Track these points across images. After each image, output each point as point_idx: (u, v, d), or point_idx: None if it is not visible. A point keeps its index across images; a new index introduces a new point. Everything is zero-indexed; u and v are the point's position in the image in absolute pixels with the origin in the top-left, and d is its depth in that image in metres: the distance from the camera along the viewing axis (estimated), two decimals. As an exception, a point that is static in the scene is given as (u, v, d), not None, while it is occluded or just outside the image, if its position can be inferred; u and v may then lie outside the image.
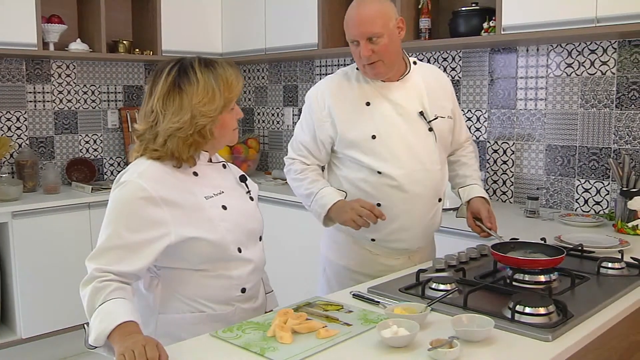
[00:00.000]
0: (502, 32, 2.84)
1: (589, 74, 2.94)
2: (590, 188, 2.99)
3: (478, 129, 3.37)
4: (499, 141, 3.30)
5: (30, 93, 3.98)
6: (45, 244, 3.46)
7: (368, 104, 2.06)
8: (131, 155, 1.67)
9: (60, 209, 3.53)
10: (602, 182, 2.94)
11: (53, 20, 3.81)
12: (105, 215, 1.54)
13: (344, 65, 3.83)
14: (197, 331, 1.51)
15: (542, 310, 1.47)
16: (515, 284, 1.73)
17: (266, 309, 1.80)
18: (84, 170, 4.15)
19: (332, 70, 3.89)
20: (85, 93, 4.23)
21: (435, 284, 1.67)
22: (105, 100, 4.33)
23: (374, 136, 2.03)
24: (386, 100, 2.06)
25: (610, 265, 1.89)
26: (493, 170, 3.33)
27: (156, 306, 1.63)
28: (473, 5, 3.15)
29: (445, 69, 3.47)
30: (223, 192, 1.68)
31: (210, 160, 1.73)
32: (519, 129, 3.22)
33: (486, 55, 3.31)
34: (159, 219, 1.52)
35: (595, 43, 2.90)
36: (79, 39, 3.96)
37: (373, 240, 2.11)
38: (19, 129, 3.94)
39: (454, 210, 2.68)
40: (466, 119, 3.38)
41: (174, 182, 1.59)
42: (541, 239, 2.07)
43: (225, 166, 1.79)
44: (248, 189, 1.79)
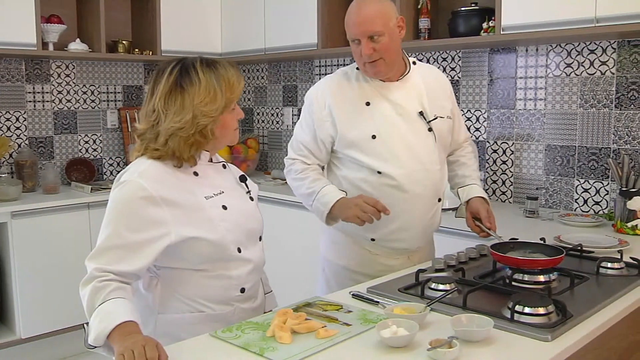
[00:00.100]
0: (502, 32, 2.84)
1: (588, 74, 2.95)
2: (590, 188, 2.99)
3: (477, 129, 3.37)
4: (498, 141, 3.30)
5: (29, 93, 3.98)
6: (44, 244, 3.46)
7: (368, 104, 2.06)
8: (132, 155, 1.67)
9: (60, 209, 3.52)
10: (602, 182, 2.95)
11: (52, 20, 3.81)
12: (105, 215, 1.54)
13: (344, 65, 3.83)
14: (197, 331, 1.51)
15: (542, 310, 1.47)
16: (514, 284, 1.74)
17: (265, 309, 1.79)
18: (83, 170, 4.14)
19: (332, 70, 3.89)
20: (84, 93, 4.23)
21: (434, 284, 1.68)
22: (104, 100, 4.33)
23: (374, 136, 2.03)
24: (386, 100, 2.06)
25: (609, 265, 1.89)
26: (492, 170, 3.33)
27: (155, 306, 1.63)
28: (472, 5, 3.15)
29: (444, 69, 3.47)
30: (223, 192, 1.68)
31: (211, 160, 1.73)
32: (518, 129, 3.22)
33: (485, 55, 3.31)
34: (159, 219, 1.52)
35: (595, 43, 2.91)
36: (78, 39, 3.96)
37: (373, 240, 2.11)
38: (18, 129, 3.94)
39: (453, 210, 2.68)
40: (466, 119, 3.39)
41: (175, 182, 1.59)
42: (540, 239, 2.07)
43: (225, 166, 1.79)
44: (248, 189, 1.79)
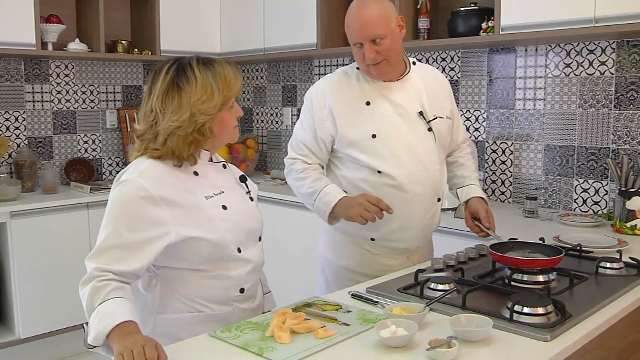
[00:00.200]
0: (501, 32, 2.84)
1: (587, 74, 2.95)
2: (589, 188, 2.99)
3: (477, 129, 3.37)
4: (497, 141, 3.30)
5: (28, 93, 3.98)
6: (43, 244, 3.45)
7: (368, 104, 2.06)
8: (131, 155, 1.67)
9: (59, 209, 3.52)
10: (601, 182, 2.95)
11: (52, 20, 3.80)
12: (105, 214, 1.54)
13: (343, 65, 3.82)
14: (196, 331, 1.51)
15: (541, 310, 1.47)
16: (513, 284, 1.74)
17: (264, 309, 1.79)
18: (82, 170, 4.14)
19: (331, 70, 3.89)
20: (84, 93, 4.22)
21: (433, 284, 1.68)
22: (104, 100, 4.33)
23: (374, 135, 2.03)
24: (386, 100, 2.06)
25: (608, 265, 1.89)
26: (492, 170, 3.33)
27: (154, 306, 1.63)
28: (472, 5, 3.15)
29: (443, 69, 3.48)
30: (223, 192, 1.68)
31: (211, 160, 1.73)
32: (517, 129, 3.22)
33: (485, 55, 3.31)
34: (159, 219, 1.52)
35: (594, 43, 2.91)
36: (77, 39, 3.95)
37: (373, 239, 2.11)
38: (17, 128, 3.94)
39: (452, 210, 2.68)
40: (465, 119, 3.39)
41: (174, 182, 1.59)
42: (540, 239, 2.07)
43: (225, 166, 1.79)
44: (248, 189, 1.79)
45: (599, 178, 2.95)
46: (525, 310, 1.47)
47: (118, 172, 1.63)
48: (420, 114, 2.07)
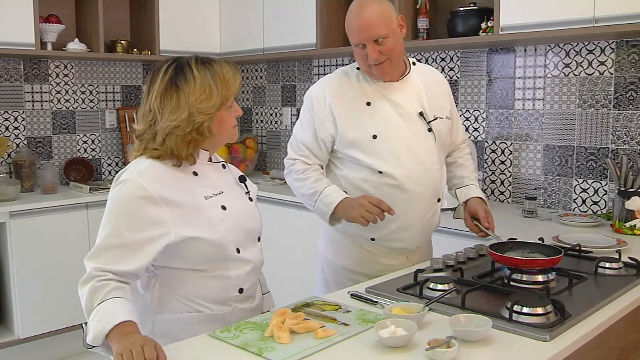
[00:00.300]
0: (500, 32, 2.84)
1: (586, 74, 2.95)
2: (588, 188, 2.99)
3: (476, 129, 3.37)
4: (497, 141, 3.30)
5: (28, 93, 3.97)
6: (43, 244, 3.45)
7: (369, 104, 2.06)
8: (131, 155, 1.67)
9: (58, 209, 3.52)
10: (600, 182, 2.95)
11: (51, 20, 3.80)
12: (104, 214, 1.54)
13: (343, 65, 3.82)
14: (194, 331, 1.51)
15: (540, 310, 1.47)
16: (513, 283, 1.74)
17: (263, 309, 1.79)
18: (82, 170, 4.14)
19: (330, 70, 3.89)
20: (83, 93, 4.22)
21: (433, 284, 1.68)
22: (103, 100, 4.32)
23: (375, 136, 2.03)
24: (387, 100, 2.06)
25: (607, 265, 1.89)
26: (491, 170, 3.33)
27: (153, 306, 1.63)
28: (471, 5, 3.15)
29: (443, 69, 3.48)
30: (222, 192, 1.68)
31: (210, 160, 1.73)
32: (516, 129, 3.22)
33: (484, 55, 3.31)
34: (159, 219, 1.52)
35: (593, 43, 2.91)
36: (76, 39, 3.95)
37: (373, 239, 2.11)
38: (16, 128, 3.94)
39: (452, 210, 2.68)
40: (464, 119, 3.39)
41: (174, 182, 1.59)
42: (539, 239, 2.07)
43: (224, 166, 1.79)
44: (247, 189, 1.79)
45: (598, 178, 2.95)
46: (525, 310, 1.47)
47: (117, 172, 1.63)
48: (421, 114, 2.07)
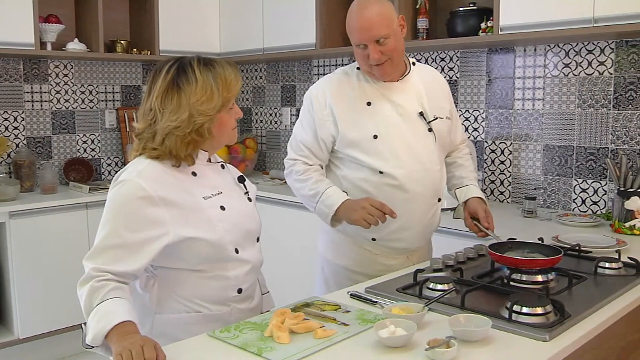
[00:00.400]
0: (500, 32, 2.85)
1: (586, 74, 2.95)
2: (588, 188, 2.99)
3: (476, 129, 3.38)
4: (496, 141, 3.30)
5: (27, 93, 3.97)
6: (42, 244, 3.45)
7: (369, 104, 2.06)
8: (130, 155, 1.67)
9: (58, 209, 3.52)
10: (600, 182, 2.95)
11: (50, 20, 3.80)
12: (103, 214, 1.54)
13: (342, 65, 3.82)
14: (193, 331, 1.50)
15: (540, 310, 1.47)
16: (512, 284, 1.74)
17: (262, 309, 1.79)
18: (81, 170, 4.14)
19: (330, 70, 3.89)
20: (82, 93, 4.22)
21: (432, 284, 1.68)
22: (102, 100, 4.32)
23: (375, 136, 2.03)
24: (387, 100, 2.06)
25: (607, 265, 1.89)
26: (491, 170, 3.33)
27: (152, 306, 1.63)
28: (471, 5, 3.15)
29: (442, 69, 3.48)
30: (221, 193, 1.67)
31: (209, 160, 1.73)
32: (516, 129, 3.22)
33: (484, 55, 3.31)
34: (158, 219, 1.52)
35: (593, 43, 2.91)
36: (76, 39, 3.95)
37: (373, 239, 2.10)
38: (16, 128, 3.94)
39: (452, 210, 2.68)
40: (464, 119, 3.39)
41: (173, 182, 1.59)
42: (539, 239, 2.07)
43: (223, 166, 1.79)
44: (246, 189, 1.79)
45: (598, 178, 2.95)
46: (524, 310, 1.47)
47: (117, 172, 1.63)
48: (421, 114, 2.07)
